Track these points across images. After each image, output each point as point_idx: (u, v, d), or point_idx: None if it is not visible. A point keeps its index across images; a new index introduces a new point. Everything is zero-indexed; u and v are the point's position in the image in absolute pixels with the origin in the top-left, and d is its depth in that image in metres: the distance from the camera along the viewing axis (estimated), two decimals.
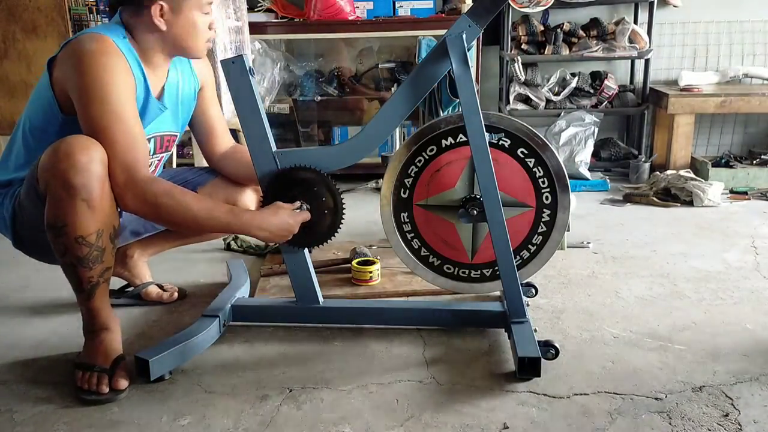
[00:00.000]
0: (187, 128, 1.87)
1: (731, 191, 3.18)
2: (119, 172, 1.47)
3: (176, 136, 1.79)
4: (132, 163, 1.49)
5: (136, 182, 1.49)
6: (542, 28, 3.60)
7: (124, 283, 2.03)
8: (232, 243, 2.51)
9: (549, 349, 1.58)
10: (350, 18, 3.46)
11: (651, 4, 3.55)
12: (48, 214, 1.45)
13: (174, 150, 2.31)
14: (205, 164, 1.94)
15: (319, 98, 3.64)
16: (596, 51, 3.53)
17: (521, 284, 1.69)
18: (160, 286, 2.04)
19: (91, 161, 1.41)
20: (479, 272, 1.79)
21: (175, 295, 2.03)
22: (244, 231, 1.58)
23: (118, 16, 1.60)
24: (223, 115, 1.93)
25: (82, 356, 1.57)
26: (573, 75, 3.65)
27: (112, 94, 1.48)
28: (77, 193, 1.41)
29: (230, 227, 1.58)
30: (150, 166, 1.65)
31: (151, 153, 1.69)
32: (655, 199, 3.05)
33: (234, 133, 2.54)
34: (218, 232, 1.89)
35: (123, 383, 1.51)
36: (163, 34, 1.58)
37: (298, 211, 1.64)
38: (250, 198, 1.92)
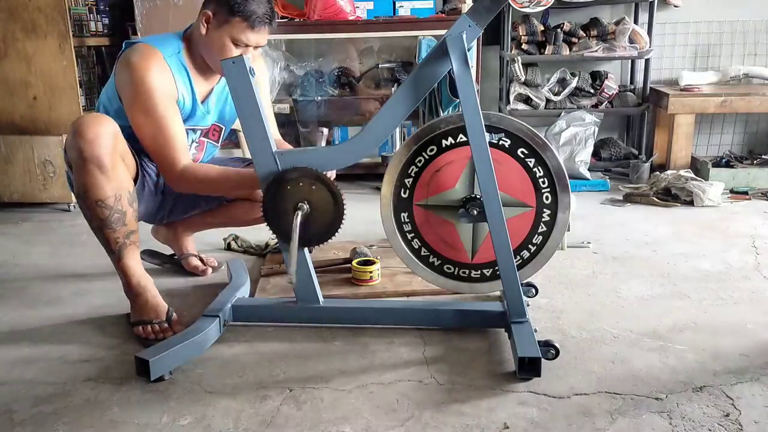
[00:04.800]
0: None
1: (732, 191, 3.18)
2: (169, 168, 1.81)
3: (223, 128, 2.07)
4: (175, 158, 1.80)
5: (181, 173, 1.81)
6: (542, 28, 3.60)
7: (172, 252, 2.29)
8: (232, 243, 2.51)
9: (549, 349, 1.58)
10: (350, 18, 3.45)
11: (651, 4, 3.55)
12: (75, 184, 1.74)
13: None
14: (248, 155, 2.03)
15: (319, 98, 3.64)
16: (596, 51, 3.53)
17: (521, 284, 1.69)
18: (201, 259, 2.27)
19: (98, 136, 1.67)
20: (479, 272, 1.79)
21: (209, 271, 2.25)
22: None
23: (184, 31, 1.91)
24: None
25: (135, 315, 1.79)
26: (573, 75, 3.65)
27: (155, 99, 1.76)
28: (90, 162, 1.66)
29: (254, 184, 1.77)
30: (193, 144, 1.99)
31: (198, 137, 2.00)
32: (655, 199, 3.04)
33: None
34: (244, 192, 2.05)
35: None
36: (202, 38, 1.84)
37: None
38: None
